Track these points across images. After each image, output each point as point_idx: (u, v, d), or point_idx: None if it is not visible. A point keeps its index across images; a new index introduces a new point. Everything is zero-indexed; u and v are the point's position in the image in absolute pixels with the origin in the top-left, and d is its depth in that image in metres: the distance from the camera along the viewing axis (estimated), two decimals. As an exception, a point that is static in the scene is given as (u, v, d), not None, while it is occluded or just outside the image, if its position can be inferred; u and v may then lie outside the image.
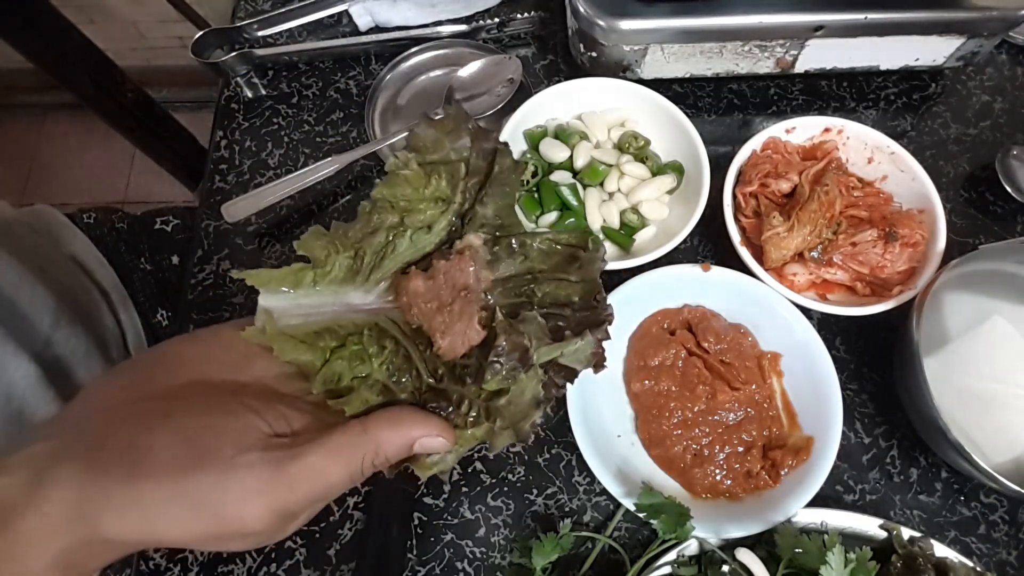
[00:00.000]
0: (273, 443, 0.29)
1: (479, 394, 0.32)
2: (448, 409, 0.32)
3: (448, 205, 0.35)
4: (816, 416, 0.52)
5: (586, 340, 0.32)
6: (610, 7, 0.59)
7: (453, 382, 0.32)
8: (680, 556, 0.48)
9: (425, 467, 0.32)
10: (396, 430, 0.30)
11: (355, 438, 0.30)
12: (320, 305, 0.33)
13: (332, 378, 0.32)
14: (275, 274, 0.32)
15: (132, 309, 0.70)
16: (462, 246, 0.34)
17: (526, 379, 0.31)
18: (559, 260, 0.36)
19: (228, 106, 0.69)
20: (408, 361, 0.33)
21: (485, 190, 0.36)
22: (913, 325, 0.49)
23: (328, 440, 0.29)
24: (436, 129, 0.35)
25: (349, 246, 0.34)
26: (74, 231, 0.70)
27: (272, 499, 0.27)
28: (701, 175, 0.58)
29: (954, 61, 0.66)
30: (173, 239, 0.77)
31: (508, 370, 0.31)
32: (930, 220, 0.56)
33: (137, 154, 1.69)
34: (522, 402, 0.31)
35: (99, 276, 0.68)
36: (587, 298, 0.35)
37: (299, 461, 0.28)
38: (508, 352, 0.31)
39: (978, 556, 0.52)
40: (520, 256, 0.35)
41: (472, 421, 0.32)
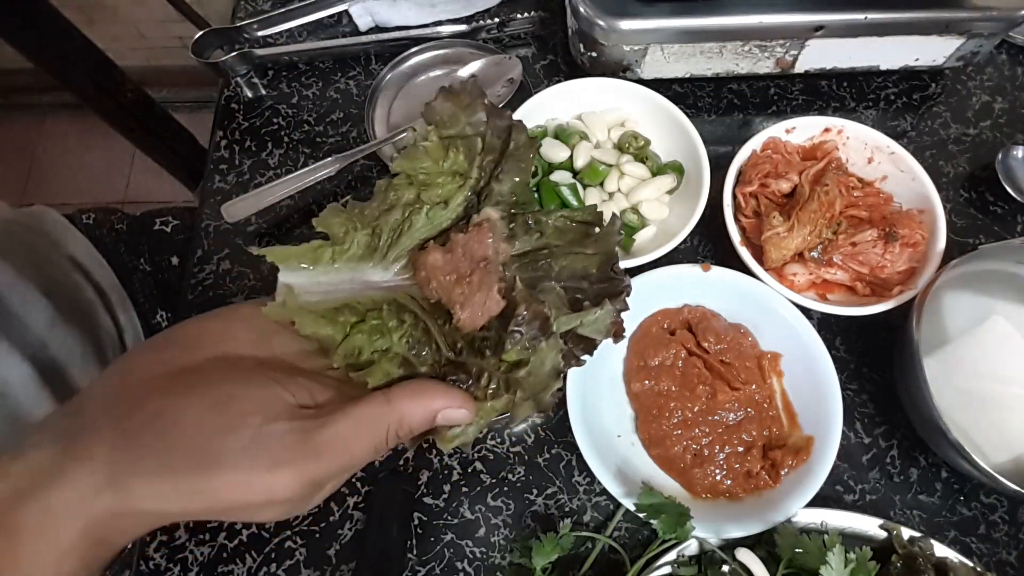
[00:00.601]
0: (299, 413, 0.29)
1: (499, 366, 0.32)
2: (468, 382, 0.32)
3: (465, 180, 0.35)
4: (816, 416, 0.52)
5: (605, 309, 0.32)
6: (610, 7, 0.59)
7: (472, 355, 0.32)
8: (680, 556, 0.48)
9: (447, 439, 0.32)
10: (419, 401, 0.31)
11: (379, 409, 0.30)
12: (339, 282, 0.34)
13: (352, 352, 0.33)
14: (294, 251, 0.33)
15: (131, 310, 0.70)
16: (480, 219, 0.34)
17: (546, 349, 0.31)
18: (574, 236, 0.36)
19: (228, 106, 0.69)
20: (427, 335, 0.33)
21: (500, 167, 0.36)
22: (913, 325, 0.49)
23: (353, 410, 0.29)
24: (453, 102, 0.35)
25: (367, 223, 0.34)
26: (73, 232, 0.70)
27: (301, 468, 0.28)
28: (701, 175, 0.58)
29: (954, 61, 0.66)
30: (173, 240, 0.77)
31: (529, 339, 0.31)
32: (930, 220, 0.56)
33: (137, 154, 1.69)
34: (542, 372, 0.31)
35: (98, 277, 0.68)
36: (604, 270, 0.35)
37: (326, 430, 0.28)
38: (528, 321, 0.31)
39: (978, 556, 0.52)
40: (536, 233, 0.35)
41: (492, 393, 0.32)
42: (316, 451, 0.28)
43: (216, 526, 0.53)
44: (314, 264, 0.33)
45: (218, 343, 0.31)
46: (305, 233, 0.63)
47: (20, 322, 0.55)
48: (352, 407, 0.29)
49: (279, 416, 0.28)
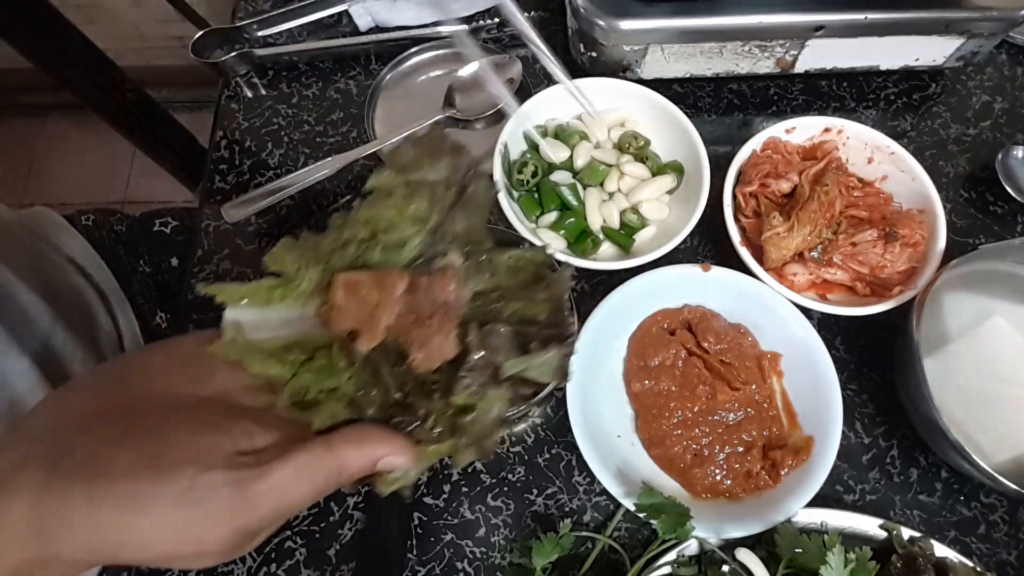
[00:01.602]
0: (236, 462, 0.28)
1: (446, 410, 0.32)
2: (414, 424, 0.32)
3: (424, 225, 0.36)
4: (816, 416, 0.52)
5: (551, 353, 0.33)
6: (610, 7, 0.59)
7: (421, 397, 0.33)
8: (680, 556, 0.48)
9: (387, 483, 0.32)
10: (360, 449, 0.30)
11: (320, 456, 0.29)
12: (289, 319, 0.33)
13: (299, 391, 0.32)
14: (244, 290, 0.32)
15: (130, 312, 0.70)
16: (444, 264, 0.35)
17: (493, 396, 0.32)
18: (526, 277, 0.37)
19: (228, 106, 0.69)
20: (376, 375, 0.33)
21: (457, 208, 0.36)
22: (913, 325, 0.49)
23: (292, 459, 0.29)
24: (418, 150, 0.35)
25: (320, 259, 0.34)
26: (72, 233, 0.70)
27: (234, 520, 0.27)
28: (701, 175, 0.58)
29: (954, 61, 0.66)
30: (172, 241, 0.77)
31: (478, 385, 0.31)
32: (930, 220, 0.56)
33: (137, 154, 1.69)
34: (487, 419, 0.32)
35: (97, 279, 0.68)
36: (554, 316, 0.36)
37: (263, 481, 0.28)
38: (480, 368, 0.32)
39: (978, 556, 0.52)
40: (488, 272, 0.36)
41: (437, 436, 0.32)
42: (252, 502, 0.27)
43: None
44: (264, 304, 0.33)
45: (160, 378, 0.31)
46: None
47: (26, 324, 0.55)
48: (291, 455, 0.29)
49: (214, 465, 0.27)
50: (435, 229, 0.36)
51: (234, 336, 0.31)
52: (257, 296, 0.32)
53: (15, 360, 0.53)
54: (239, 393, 0.32)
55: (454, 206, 0.36)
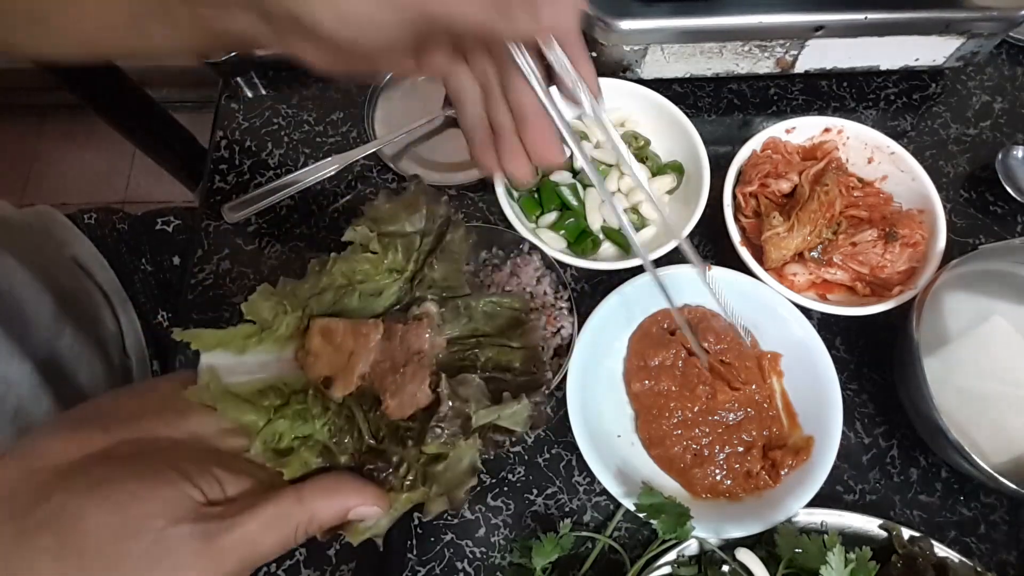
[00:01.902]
0: (205, 513, 0.28)
1: (419, 457, 0.33)
2: (387, 471, 0.32)
3: (401, 274, 0.36)
4: (816, 416, 0.52)
5: (523, 404, 0.33)
6: (610, 7, 0.59)
7: (394, 443, 0.33)
8: (680, 556, 0.48)
9: (357, 533, 0.32)
10: (332, 499, 0.31)
11: (290, 508, 0.30)
12: (265, 363, 0.34)
13: (273, 438, 0.32)
14: (221, 336, 0.33)
15: (132, 311, 0.70)
16: (419, 312, 0.35)
17: (464, 446, 0.32)
18: (503, 323, 0.37)
19: (228, 106, 0.69)
20: (351, 421, 0.33)
21: (435, 255, 0.37)
22: (913, 325, 0.49)
23: (261, 511, 0.29)
24: (396, 204, 0.36)
25: (297, 306, 0.34)
26: (75, 232, 0.69)
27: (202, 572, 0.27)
28: (701, 175, 0.58)
29: (954, 61, 0.66)
30: (174, 239, 0.77)
31: (449, 435, 0.32)
32: (930, 220, 0.56)
33: (137, 154, 1.69)
34: (459, 469, 0.32)
35: (100, 278, 0.68)
36: (527, 364, 0.36)
37: (231, 533, 0.28)
38: (451, 418, 0.32)
39: (978, 556, 0.52)
40: (465, 318, 0.36)
41: (409, 484, 0.32)
42: (220, 555, 0.28)
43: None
44: (240, 352, 0.33)
45: (133, 422, 0.31)
46: (305, 232, 0.63)
47: (29, 323, 0.55)
48: (261, 506, 0.29)
49: (183, 518, 0.28)
50: (412, 277, 0.37)
51: (209, 381, 0.32)
52: (233, 344, 0.33)
53: (20, 361, 0.53)
54: (212, 437, 0.32)
55: (432, 253, 0.37)
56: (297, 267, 0.61)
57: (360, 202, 0.64)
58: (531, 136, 0.35)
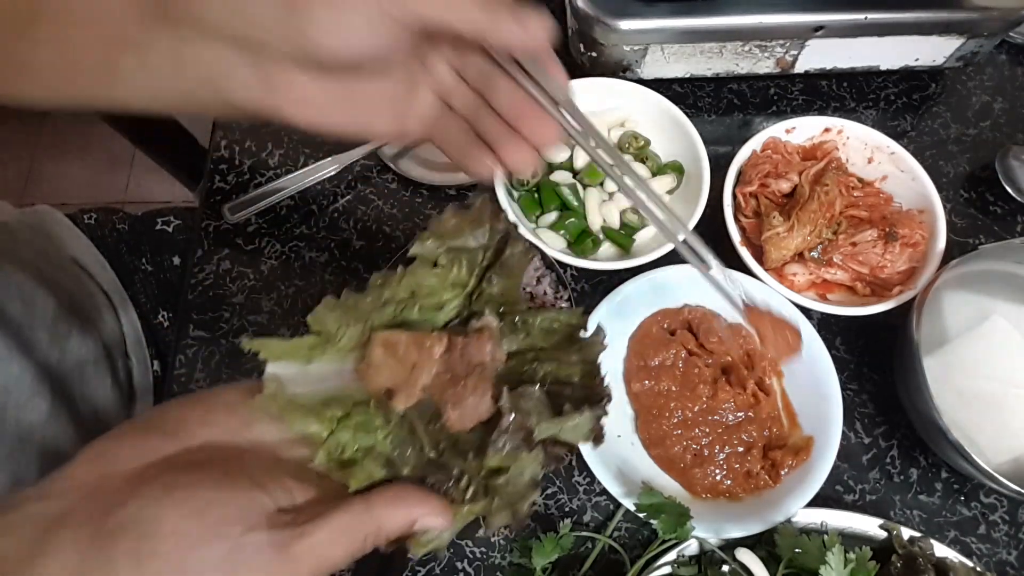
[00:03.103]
0: (278, 520, 0.29)
1: (479, 470, 0.32)
2: (447, 484, 0.32)
3: (463, 289, 0.36)
4: (816, 416, 0.52)
5: (584, 416, 0.34)
6: (610, 7, 0.59)
7: (455, 456, 0.33)
8: (680, 556, 0.48)
9: (421, 545, 0.32)
10: (399, 509, 0.31)
11: (358, 517, 0.30)
12: (327, 373, 0.34)
13: (336, 449, 0.33)
14: (287, 347, 0.33)
15: (132, 311, 0.70)
16: (480, 325, 0.35)
17: (526, 459, 0.32)
18: (559, 339, 0.37)
19: (228, 106, 0.69)
20: (412, 434, 0.33)
21: (494, 269, 0.37)
22: (913, 325, 0.49)
23: (332, 519, 0.29)
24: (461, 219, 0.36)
25: (360, 318, 0.34)
26: (75, 232, 0.69)
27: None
28: (701, 175, 0.58)
29: (954, 61, 0.66)
30: (174, 239, 0.77)
31: (511, 448, 0.32)
32: (930, 220, 0.56)
33: (137, 154, 1.69)
34: (520, 482, 0.32)
35: (100, 278, 0.68)
36: (586, 378, 0.36)
37: (303, 542, 0.28)
38: (513, 431, 0.32)
39: (978, 556, 0.52)
40: (523, 333, 0.36)
41: (470, 497, 0.32)
42: (293, 563, 0.28)
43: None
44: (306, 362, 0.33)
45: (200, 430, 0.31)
46: (305, 233, 0.63)
47: (28, 323, 0.55)
48: (331, 515, 0.29)
49: (258, 525, 0.28)
50: (472, 292, 0.37)
51: (274, 391, 0.32)
52: (297, 354, 0.33)
53: (21, 359, 0.53)
54: (276, 446, 0.32)
55: (490, 268, 0.37)
56: (297, 267, 0.61)
57: (360, 202, 0.64)
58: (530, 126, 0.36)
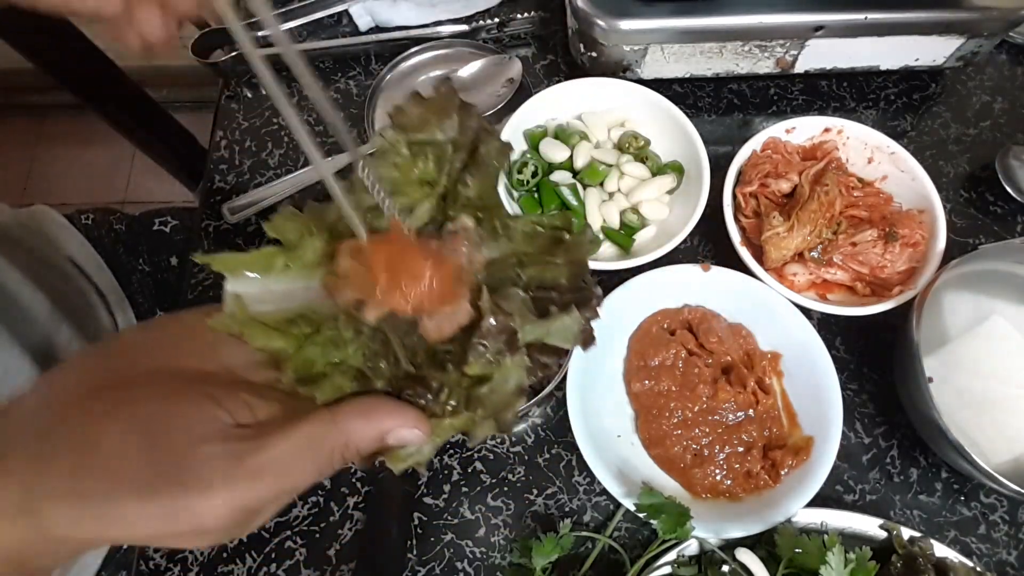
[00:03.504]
0: (234, 434, 0.26)
1: (460, 381, 0.30)
2: (427, 397, 0.30)
3: (433, 188, 0.34)
4: (816, 416, 0.52)
5: (572, 316, 0.31)
6: (610, 7, 0.59)
7: (433, 369, 0.31)
8: (680, 556, 0.48)
9: (399, 459, 0.30)
10: (368, 421, 0.29)
11: (324, 429, 0.28)
12: (293, 290, 0.31)
13: (304, 365, 0.30)
14: (244, 258, 0.30)
15: (129, 311, 0.70)
16: (455, 227, 0.33)
17: (510, 364, 0.30)
18: (544, 243, 0.34)
19: (228, 106, 0.69)
20: (386, 346, 0.31)
21: (469, 170, 0.34)
22: (913, 325, 0.49)
23: (294, 431, 0.27)
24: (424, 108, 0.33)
25: (324, 228, 0.32)
26: (72, 232, 0.70)
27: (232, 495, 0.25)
28: (701, 175, 0.58)
29: (954, 61, 0.66)
30: (172, 240, 0.77)
31: (494, 353, 0.29)
32: (930, 220, 0.56)
33: (137, 154, 1.69)
34: (504, 390, 0.30)
35: (96, 278, 0.68)
36: (574, 280, 0.33)
37: (262, 454, 0.26)
38: (495, 334, 0.29)
39: (978, 556, 0.52)
40: (504, 238, 0.34)
41: (452, 410, 0.30)
42: (251, 477, 0.26)
43: (216, 526, 0.53)
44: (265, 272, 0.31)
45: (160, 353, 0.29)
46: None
47: (25, 323, 0.55)
48: (293, 427, 0.27)
49: (211, 437, 0.26)
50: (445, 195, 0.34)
51: (235, 309, 0.30)
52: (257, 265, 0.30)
53: (17, 357, 0.53)
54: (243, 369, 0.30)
55: (465, 169, 0.34)
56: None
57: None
58: None
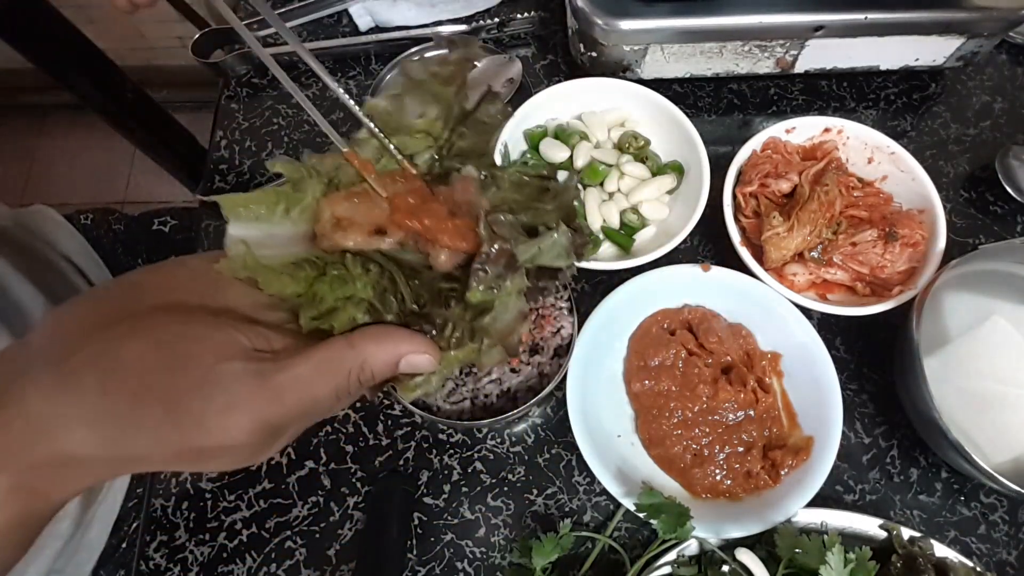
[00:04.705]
0: (255, 356, 0.27)
1: (463, 315, 0.32)
2: (432, 332, 0.31)
3: (436, 141, 0.35)
4: (816, 416, 0.52)
5: (561, 231, 0.32)
6: (610, 7, 0.59)
7: (437, 306, 0.32)
8: (680, 556, 0.48)
9: (409, 388, 0.32)
10: (383, 345, 0.30)
11: (341, 351, 0.29)
12: (296, 237, 0.32)
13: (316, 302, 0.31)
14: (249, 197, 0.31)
15: None
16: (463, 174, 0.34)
17: (510, 288, 0.31)
18: (531, 191, 0.36)
19: (228, 106, 0.69)
20: (393, 284, 0.33)
21: (467, 124, 0.36)
22: (913, 325, 0.48)
23: (314, 353, 0.28)
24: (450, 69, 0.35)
25: (324, 172, 0.33)
26: (70, 232, 0.70)
27: (257, 409, 0.26)
28: (701, 175, 0.58)
29: (954, 61, 0.66)
30: (171, 240, 0.77)
31: (494, 277, 0.31)
32: (930, 220, 0.56)
33: (137, 154, 1.69)
34: (506, 318, 0.31)
35: (93, 277, 0.68)
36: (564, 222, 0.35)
37: (285, 372, 0.27)
38: (495, 258, 0.31)
39: (978, 556, 0.52)
40: (492, 187, 0.35)
41: (457, 342, 0.31)
42: (275, 392, 0.26)
43: (216, 526, 0.53)
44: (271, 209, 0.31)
45: (167, 293, 0.29)
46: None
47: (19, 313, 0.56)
48: (313, 350, 0.28)
49: (233, 356, 0.26)
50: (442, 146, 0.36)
51: (242, 253, 0.30)
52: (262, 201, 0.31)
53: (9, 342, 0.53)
54: (249, 309, 0.30)
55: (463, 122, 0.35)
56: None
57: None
58: None
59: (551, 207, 0.35)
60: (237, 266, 0.30)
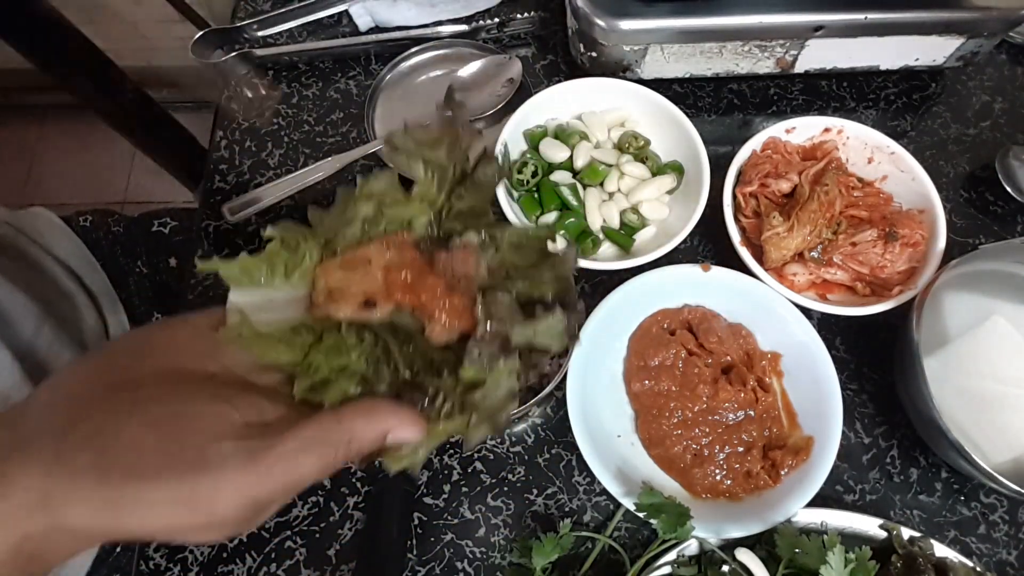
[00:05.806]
0: (246, 432, 0.28)
1: (455, 387, 0.32)
2: (423, 402, 0.32)
3: (432, 206, 0.36)
4: (816, 416, 0.52)
5: (557, 315, 0.33)
6: (610, 7, 0.59)
7: (430, 375, 0.32)
8: (680, 556, 0.48)
9: (396, 460, 0.32)
10: (370, 421, 0.30)
11: (329, 429, 0.29)
12: (294, 299, 0.33)
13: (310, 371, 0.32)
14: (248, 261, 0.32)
15: (122, 313, 0.70)
16: (464, 241, 0.35)
17: (502, 370, 0.31)
18: (530, 255, 0.36)
19: (228, 106, 0.69)
20: (387, 353, 0.33)
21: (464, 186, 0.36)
22: (913, 325, 0.49)
23: (302, 431, 0.29)
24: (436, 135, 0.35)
25: (321, 235, 0.34)
26: (66, 234, 0.69)
27: (246, 490, 0.27)
28: (701, 175, 0.58)
29: (954, 61, 0.66)
30: (170, 241, 0.77)
31: (488, 357, 0.31)
32: (930, 220, 0.56)
33: (137, 154, 1.69)
34: (497, 396, 0.32)
35: (89, 281, 0.68)
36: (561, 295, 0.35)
37: (273, 452, 0.28)
38: (489, 339, 0.31)
39: (978, 556, 0.52)
40: (492, 248, 0.35)
41: (447, 414, 0.32)
42: (263, 473, 0.27)
43: (216, 526, 0.53)
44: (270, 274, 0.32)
45: (165, 355, 0.30)
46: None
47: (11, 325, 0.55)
48: (301, 428, 0.29)
49: (224, 435, 0.28)
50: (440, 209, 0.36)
51: (239, 323, 0.31)
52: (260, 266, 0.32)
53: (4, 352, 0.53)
54: (247, 370, 0.32)
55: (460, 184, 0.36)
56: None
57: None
58: None
59: (548, 276, 0.35)
60: (233, 336, 0.31)
